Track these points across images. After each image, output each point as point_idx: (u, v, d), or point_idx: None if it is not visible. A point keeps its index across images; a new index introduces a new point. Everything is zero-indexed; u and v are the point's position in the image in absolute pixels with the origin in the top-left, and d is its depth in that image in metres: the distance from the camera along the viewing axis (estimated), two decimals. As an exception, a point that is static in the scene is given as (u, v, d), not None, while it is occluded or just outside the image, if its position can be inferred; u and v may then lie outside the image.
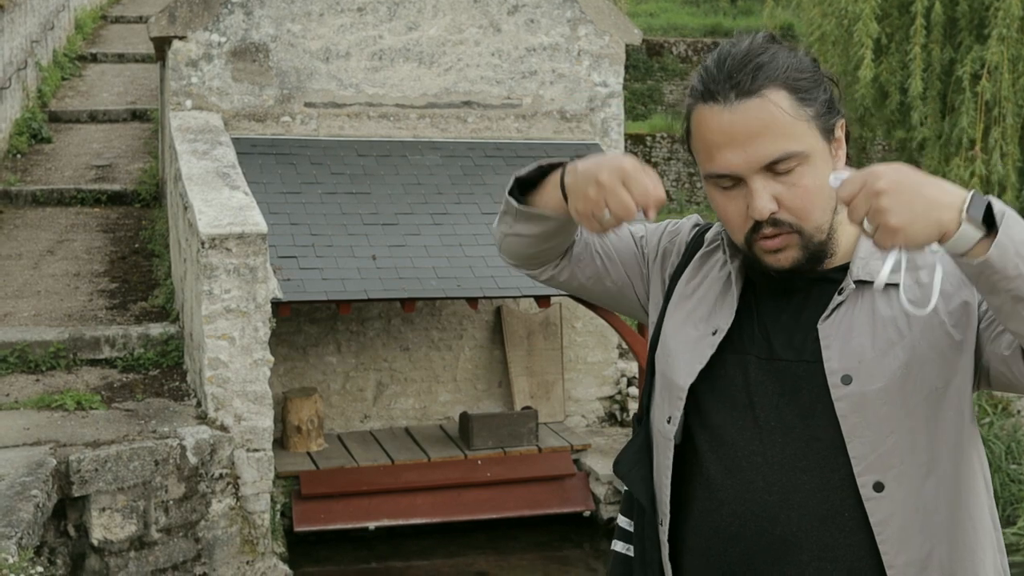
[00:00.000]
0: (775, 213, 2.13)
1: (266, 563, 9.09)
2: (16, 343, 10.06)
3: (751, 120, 2.11)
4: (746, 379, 2.25)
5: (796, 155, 2.12)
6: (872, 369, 2.14)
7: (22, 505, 7.20)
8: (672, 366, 2.34)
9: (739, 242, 2.22)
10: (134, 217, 14.54)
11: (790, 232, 2.15)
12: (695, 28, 25.63)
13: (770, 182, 2.13)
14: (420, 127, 12.14)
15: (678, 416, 2.30)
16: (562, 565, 10.92)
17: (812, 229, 2.16)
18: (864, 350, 2.15)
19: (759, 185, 2.12)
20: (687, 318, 2.36)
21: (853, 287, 2.19)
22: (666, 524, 2.35)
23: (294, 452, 11.05)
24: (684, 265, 2.44)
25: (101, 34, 23.37)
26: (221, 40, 11.57)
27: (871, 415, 2.13)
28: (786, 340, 2.23)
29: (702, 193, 21.56)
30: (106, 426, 8.77)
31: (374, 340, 12.01)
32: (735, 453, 2.24)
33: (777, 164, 2.11)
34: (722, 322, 2.29)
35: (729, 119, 2.11)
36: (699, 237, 2.47)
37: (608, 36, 12.55)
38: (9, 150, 16.16)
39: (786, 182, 2.13)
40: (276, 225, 10.21)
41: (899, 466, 2.13)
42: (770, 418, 2.21)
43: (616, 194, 2.11)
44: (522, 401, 12.19)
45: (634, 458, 2.47)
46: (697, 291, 2.37)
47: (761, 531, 2.19)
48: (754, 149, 2.11)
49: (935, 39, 13.14)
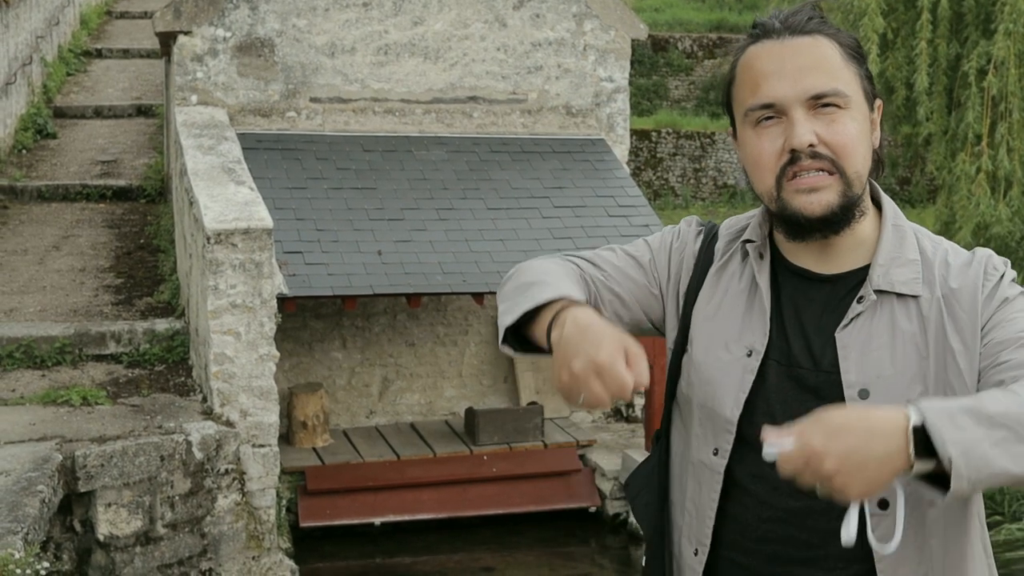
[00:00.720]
0: (814, 146, 2.11)
1: (272, 558, 9.09)
2: (22, 339, 10.06)
3: (803, 53, 2.13)
4: (766, 385, 2.22)
5: (842, 95, 2.12)
6: (890, 386, 2.12)
7: (28, 500, 7.20)
8: (714, 396, 2.27)
9: (768, 187, 2.17)
10: (139, 212, 14.55)
11: (831, 172, 2.12)
12: (700, 24, 25.61)
13: (811, 119, 2.12)
14: (425, 122, 12.13)
15: (727, 449, 2.25)
16: (567, 561, 10.91)
17: (852, 172, 2.13)
18: (883, 365, 2.13)
19: (801, 115, 2.11)
20: (715, 340, 2.30)
21: (874, 297, 2.16)
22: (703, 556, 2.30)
23: (300, 448, 11.05)
24: (698, 281, 2.38)
25: (106, 30, 23.39)
26: (226, 35, 11.56)
27: None
28: (804, 346, 2.20)
29: (707, 188, 21.54)
30: (112, 421, 8.77)
31: (380, 335, 12.00)
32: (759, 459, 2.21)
33: (822, 99, 2.11)
34: (756, 341, 2.24)
35: (780, 51, 2.14)
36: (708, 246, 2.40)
37: (614, 31, 12.54)
38: (14, 146, 16.17)
39: (826, 120, 2.12)
40: (282, 220, 10.21)
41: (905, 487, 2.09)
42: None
43: (588, 387, 1.97)
44: (528, 396, 12.19)
45: (643, 482, 2.44)
46: (720, 309, 2.31)
47: (788, 535, 2.18)
48: (803, 79, 2.12)
49: (941, 34, 13.10)
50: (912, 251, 2.19)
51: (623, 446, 11.51)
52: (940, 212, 13.57)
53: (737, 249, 2.34)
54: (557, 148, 12.25)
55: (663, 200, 21.07)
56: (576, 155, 12.23)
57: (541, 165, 11.98)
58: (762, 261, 2.28)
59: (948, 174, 13.20)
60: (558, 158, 12.12)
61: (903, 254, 2.18)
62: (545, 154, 12.15)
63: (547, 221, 11.20)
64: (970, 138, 12.77)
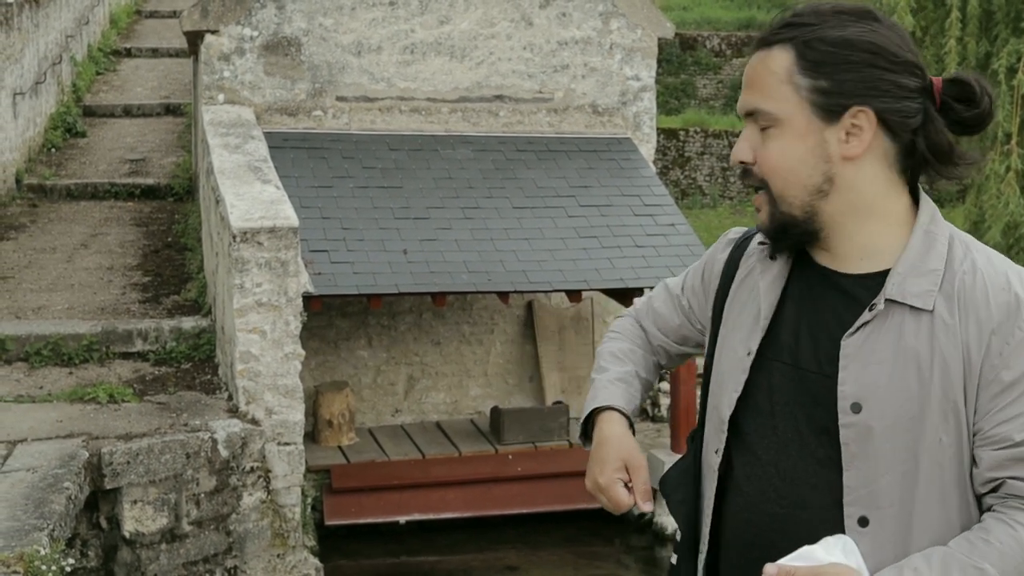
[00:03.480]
0: (746, 164, 2.16)
1: (297, 556, 9.11)
2: (50, 336, 10.12)
3: (752, 69, 2.17)
4: (770, 385, 2.20)
5: (765, 114, 2.13)
6: (884, 402, 2.06)
7: (54, 497, 7.24)
8: (718, 396, 2.31)
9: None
10: (167, 211, 14.61)
11: (762, 189, 2.16)
12: (728, 22, 25.54)
13: (757, 135, 2.16)
14: (452, 121, 12.13)
15: (722, 448, 2.27)
16: (592, 560, 10.90)
17: (776, 193, 2.14)
18: (879, 379, 2.07)
19: (747, 131, 2.17)
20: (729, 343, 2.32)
21: (883, 306, 2.10)
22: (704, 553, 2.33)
23: (325, 446, 11.08)
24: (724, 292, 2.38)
25: (135, 29, 23.51)
26: (253, 34, 11.59)
27: (871, 449, 2.06)
28: (811, 348, 2.16)
29: (735, 187, 21.48)
30: (138, 419, 8.81)
31: (405, 334, 12.01)
32: (755, 460, 2.20)
33: (755, 117, 2.15)
34: (754, 340, 2.24)
35: (750, 62, 2.19)
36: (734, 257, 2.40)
37: (640, 30, 12.51)
38: (44, 144, 16.27)
39: (763, 138, 2.15)
40: (307, 219, 10.22)
41: (887, 508, 2.07)
42: (788, 428, 2.17)
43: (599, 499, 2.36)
44: (553, 396, 12.18)
45: (678, 479, 2.45)
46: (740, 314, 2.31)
47: (771, 542, 2.15)
48: (745, 95, 2.17)
49: (971, 32, 13.01)
50: (936, 260, 2.11)
51: (648, 446, 11.48)
52: (969, 211, 13.47)
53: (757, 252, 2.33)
54: (583, 147, 12.23)
55: (691, 199, 21.01)
56: (602, 154, 12.21)
57: (567, 164, 11.97)
58: (770, 262, 2.27)
59: (977, 173, 13.10)
60: (584, 157, 12.10)
61: (925, 263, 2.10)
62: (571, 153, 12.13)
63: (573, 220, 11.18)
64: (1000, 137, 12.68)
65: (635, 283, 10.59)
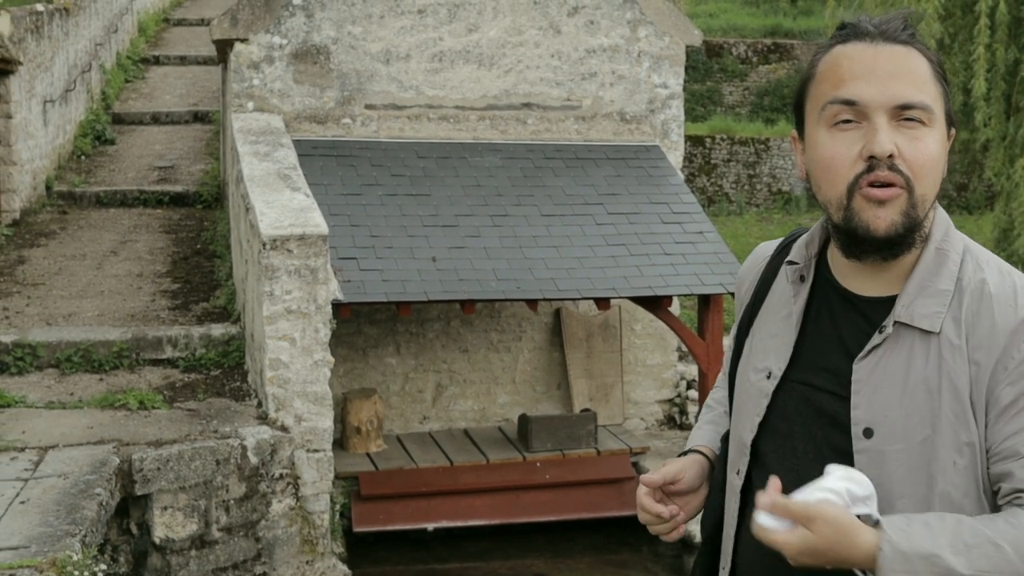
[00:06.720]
0: (894, 158, 2.03)
1: (325, 563, 9.13)
2: (80, 343, 10.18)
3: (896, 61, 2.06)
4: (786, 406, 2.20)
5: (928, 111, 2.04)
6: (895, 428, 2.05)
7: (86, 503, 7.28)
8: (739, 418, 2.31)
9: (838, 193, 2.08)
10: (196, 218, 14.68)
11: (902, 187, 2.03)
12: (755, 29, 25.49)
13: (893, 130, 2.04)
14: (480, 129, 12.15)
15: (744, 470, 2.28)
16: (620, 568, 10.88)
17: (919, 194, 2.05)
18: (891, 405, 2.06)
19: (884, 123, 2.04)
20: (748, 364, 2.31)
21: (891, 329, 2.08)
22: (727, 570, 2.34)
23: (353, 453, 11.09)
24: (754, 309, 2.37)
25: (163, 37, 23.62)
26: (282, 42, 11.64)
27: (885, 474, 2.05)
28: (831, 371, 2.15)
29: (761, 195, 21.42)
30: (168, 425, 8.85)
31: (433, 342, 12.03)
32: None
33: (908, 110, 2.04)
34: (776, 364, 2.22)
35: (871, 54, 2.06)
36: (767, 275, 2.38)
37: (668, 37, 12.50)
38: (74, 151, 16.37)
39: (908, 135, 2.04)
40: (337, 227, 10.26)
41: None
42: (808, 449, 2.16)
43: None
44: (581, 403, 12.17)
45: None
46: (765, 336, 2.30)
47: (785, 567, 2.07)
48: (892, 86, 2.04)
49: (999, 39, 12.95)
50: (947, 280, 2.09)
51: (676, 453, 11.45)
52: (998, 219, 13.41)
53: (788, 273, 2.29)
54: (611, 154, 12.23)
55: (717, 206, 20.97)
56: (630, 161, 12.20)
57: (595, 171, 11.97)
58: (802, 284, 2.25)
59: (1007, 180, 13.05)
60: (612, 164, 12.11)
61: (935, 283, 2.09)
62: (599, 160, 12.14)
63: (601, 228, 11.18)
64: (1029, 144, 12.63)
65: (663, 291, 10.58)
